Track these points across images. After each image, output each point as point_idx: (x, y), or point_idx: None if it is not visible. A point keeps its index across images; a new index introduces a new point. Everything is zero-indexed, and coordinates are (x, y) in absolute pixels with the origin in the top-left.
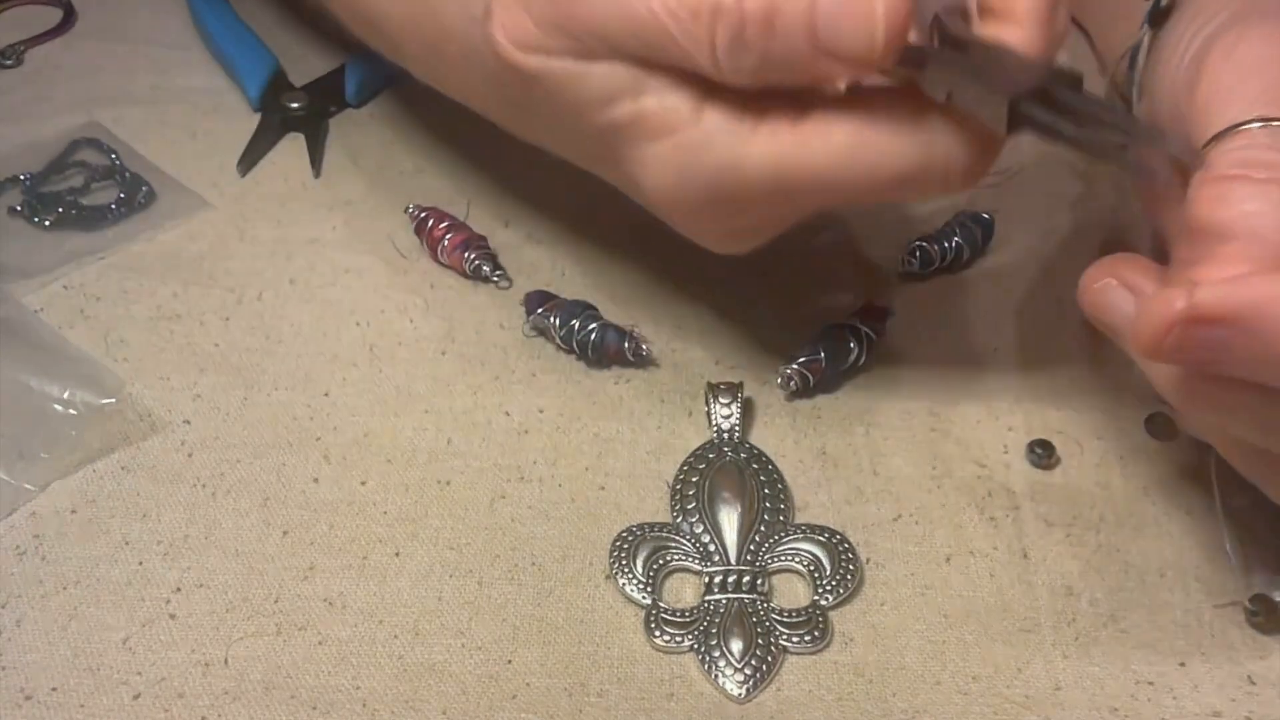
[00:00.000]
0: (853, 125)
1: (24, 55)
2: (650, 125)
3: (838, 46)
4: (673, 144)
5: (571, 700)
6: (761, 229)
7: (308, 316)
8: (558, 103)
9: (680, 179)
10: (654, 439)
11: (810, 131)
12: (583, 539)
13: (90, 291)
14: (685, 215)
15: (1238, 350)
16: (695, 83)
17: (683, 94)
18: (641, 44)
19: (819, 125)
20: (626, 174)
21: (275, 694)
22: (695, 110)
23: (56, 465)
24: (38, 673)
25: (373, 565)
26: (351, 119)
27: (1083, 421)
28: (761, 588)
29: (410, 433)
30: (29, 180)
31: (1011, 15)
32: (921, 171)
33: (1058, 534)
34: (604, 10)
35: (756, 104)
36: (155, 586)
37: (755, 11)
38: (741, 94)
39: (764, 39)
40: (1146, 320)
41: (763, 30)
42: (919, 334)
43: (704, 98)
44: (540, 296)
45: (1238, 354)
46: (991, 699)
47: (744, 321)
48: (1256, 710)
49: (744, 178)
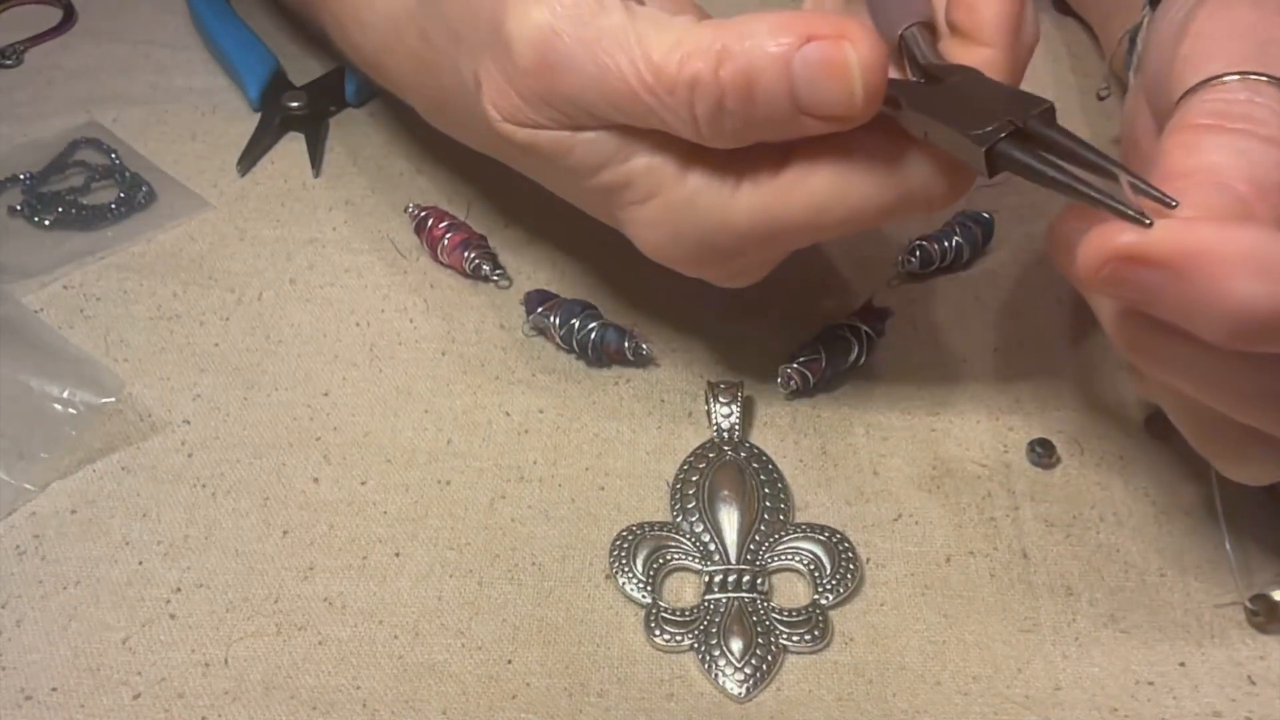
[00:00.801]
0: (833, 170)
1: (24, 55)
2: (638, 188)
3: (818, 107)
4: (661, 204)
5: (571, 700)
6: (759, 267)
7: (308, 316)
8: (551, 168)
9: (672, 235)
10: (654, 439)
11: (792, 180)
12: (583, 539)
13: (90, 291)
14: (682, 264)
15: (1168, 295)
16: (679, 145)
17: (667, 157)
18: (624, 116)
19: (800, 173)
20: (624, 230)
21: (275, 694)
22: (680, 172)
23: (56, 465)
24: (38, 673)
25: (373, 565)
26: (351, 119)
27: (1083, 421)
28: (761, 587)
29: (410, 433)
30: (29, 180)
31: (977, 34)
32: (902, 204)
33: (1058, 534)
34: (585, 87)
35: (738, 159)
36: (155, 586)
37: (733, 81)
38: (724, 153)
39: (745, 106)
40: (1086, 249)
41: (742, 99)
42: (919, 334)
43: (688, 159)
44: (540, 296)
45: (1168, 299)
46: (991, 699)
47: (744, 321)
48: (1256, 710)
49: (733, 230)
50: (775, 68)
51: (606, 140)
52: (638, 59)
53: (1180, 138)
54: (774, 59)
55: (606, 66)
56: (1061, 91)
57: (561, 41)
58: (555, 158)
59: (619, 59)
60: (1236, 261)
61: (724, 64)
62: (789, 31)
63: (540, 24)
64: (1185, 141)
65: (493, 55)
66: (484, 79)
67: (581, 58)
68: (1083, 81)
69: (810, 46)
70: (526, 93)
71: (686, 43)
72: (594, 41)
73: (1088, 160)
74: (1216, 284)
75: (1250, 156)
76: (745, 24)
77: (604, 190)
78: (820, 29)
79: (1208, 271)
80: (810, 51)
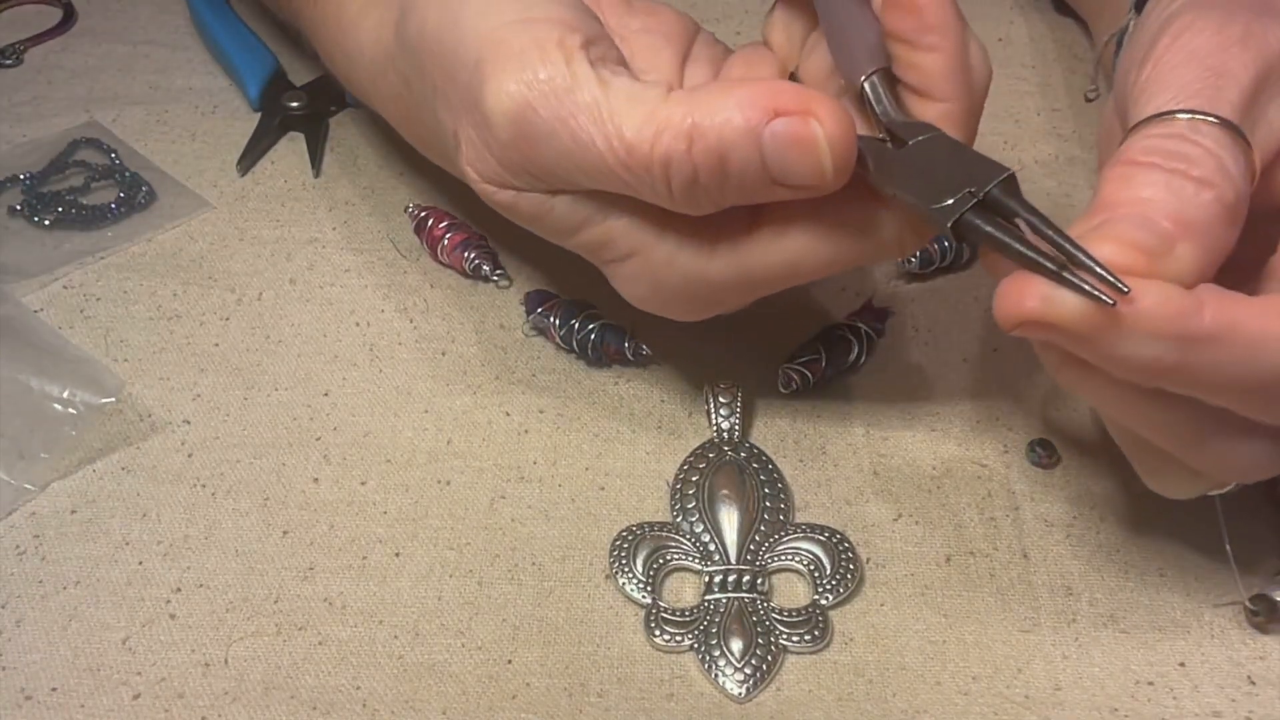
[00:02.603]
0: (805, 228)
1: (24, 55)
2: (617, 247)
3: (789, 179)
4: (641, 262)
5: (571, 700)
6: (741, 304)
7: (308, 316)
8: (532, 223)
9: (652, 288)
10: (654, 439)
11: (767, 239)
12: (583, 539)
13: (90, 291)
14: (664, 311)
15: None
16: (655, 209)
17: (643, 220)
18: (601, 185)
19: (774, 232)
20: (608, 278)
21: (275, 694)
22: (658, 233)
23: (56, 465)
24: (38, 673)
25: (373, 565)
26: (351, 119)
27: (1083, 421)
28: (761, 587)
29: (410, 433)
30: (29, 180)
31: (928, 91)
32: (873, 255)
33: (1058, 534)
34: (561, 160)
35: (713, 219)
36: (155, 586)
37: (705, 158)
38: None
39: (718, 180)
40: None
41: (716, 173)
42: (919, 334)
43: (664, 222)
44: (540, 296)
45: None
46: (991, 699)
47: (744, 321)
48: (1256, 710)
49: (711, 284)
50: (746, 143)
51: (585, 203)
52: (611, 135)
53: (1118, 170)
54: (744, 135)
55: (582, 141)
56: (1056, 91)
57: (537, 116)
58: (536, 218)
59: (593, 134)
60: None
61: (695, 142)
62: (755, 106)
63: (516, 97)
64: (1122, 174)
65: (471, 122)
66: (463, 141)
67: (557, 132)
68: (1083, 82)
69: (778, 122)
70: (505, 161)
71: (658, 118)
72: (569, 118)
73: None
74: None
75: (1180, 195)
76: (714, 98)
77: (584, 249)
78: (787, 104)
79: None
80: (779, 127)
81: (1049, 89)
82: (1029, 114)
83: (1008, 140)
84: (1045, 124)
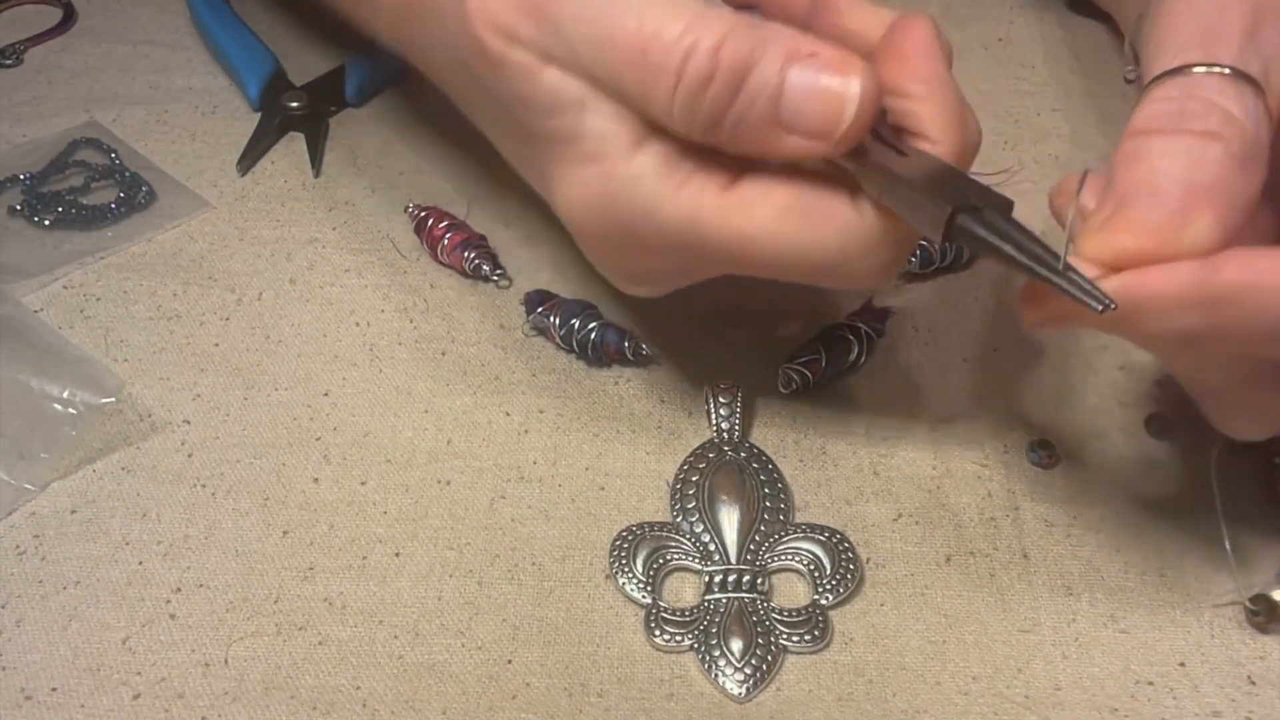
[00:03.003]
0: (775, 206)
1: (24, 55)
2: (584, 148)
3: (802, 120)
4: (599, 172)
5: (571, 700)
6: (665, 279)
7: (308, 316)
8: (507, 93)
9: (597, 207)
10: (654, 439)
11: (733, 202)
12: (583, 539)
13: (90, 291)
14: (591, 241)
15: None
16: (637, 121)
17: (623, 126)
18: (604, 61)
19: (743, 199)
20: (550, 186)
21: (275, 694)
22: (630, 147)
23: (56, 465)
24: (38, 673)
25: (373, 565)
26: (351, 119)
27: (1083, 421)
28: (761, 587)
29: (410, 433)
30: (29, 180)
31: (924, 136)
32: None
33: (1058, 534)
34: (583, 14)
35: (691, 159)
36: (155, 586)
37: (727, 65)
38: (680, 145)
39: (727, 94)
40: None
41: (729, 84)
42: (919, 334)
43: (642, 137)
44: (540, 296)
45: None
46: (991, 699)
47: (744, 321)
48: (1256, 710)
49: (658, 226)
50: (774, 66)
51: (571, 85)
52: (645, 12)
53: (1126, 146)
54: (776, 57)
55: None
56: (1056, 91)
57: None
58: (516, 81)
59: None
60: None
61: (727, 43)
62: (798, 39)
63: None
64: (1129, 150)
65: None
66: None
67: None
68: (1087, 84)
69: (817, 59)
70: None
71: (709, 15)
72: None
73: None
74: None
75: (1188, 156)
76: (768, 25)
77: (548, 138)
78: (832, 58)
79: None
80: (814, 63)
81: (1049, 89)
82: (1029, 114)
83: (1008, 140)
84: (1045, 124)
